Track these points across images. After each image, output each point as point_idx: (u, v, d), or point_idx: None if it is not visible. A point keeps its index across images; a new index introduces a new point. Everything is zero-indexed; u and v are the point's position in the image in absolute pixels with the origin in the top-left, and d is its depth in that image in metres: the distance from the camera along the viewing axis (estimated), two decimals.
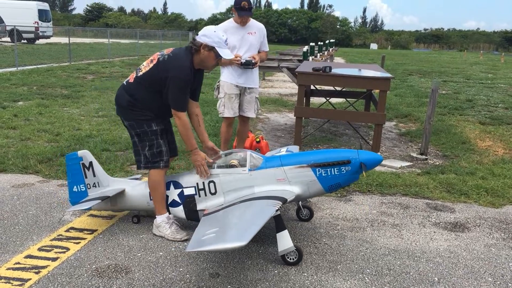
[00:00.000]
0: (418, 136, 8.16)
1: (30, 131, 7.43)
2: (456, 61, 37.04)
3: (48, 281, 3.24)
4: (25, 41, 31.62)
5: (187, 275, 3.40)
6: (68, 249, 3.72)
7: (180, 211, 4.00)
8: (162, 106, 3.86)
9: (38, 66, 17.44)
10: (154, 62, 3.82)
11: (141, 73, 3.84)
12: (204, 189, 3.92)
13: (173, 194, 4.01)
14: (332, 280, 3.42)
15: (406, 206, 5.00)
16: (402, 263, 3.74)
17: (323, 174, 3.77)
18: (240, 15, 5.21)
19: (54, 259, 3.54)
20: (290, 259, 3.57)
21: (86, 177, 4.20)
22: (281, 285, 3.32)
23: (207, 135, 4.21)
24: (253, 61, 5.17)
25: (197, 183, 3.93)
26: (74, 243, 3.83)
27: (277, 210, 3.41)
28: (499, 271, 3.68)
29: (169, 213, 4.02)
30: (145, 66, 3.86)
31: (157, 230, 4.01)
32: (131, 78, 3.91)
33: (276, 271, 3.51)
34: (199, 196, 3.93)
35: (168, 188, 4.01)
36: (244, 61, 5.22)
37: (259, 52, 5.46)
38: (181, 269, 3.48)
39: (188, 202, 3.95)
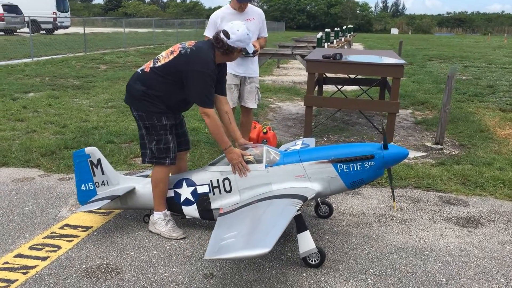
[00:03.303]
0: (435, 125, 7.86)
1: (37, 123, 7.37)
2: (479, 45, 36.12)
3: (35, 282, 3.13)
4: (44, 31, 31.85)
5: (180, 276, 3.25)
6: (59, 247, 3.60)
7: (193, 210, 3.82)
8: (175, 99, 3.69)
9: (54, 56, 17.46)
10: (175, 54, 3.62)
11: (159, 63, 3.65)
12: (218, 186, 3.73)
13: (186, 192, 3.82)
14: (332, 282, 3.24)
15: (417, 200, 4.77)
16: (409, 262, 3.53)
17: (345, 170, 3.55)
18: (239, 1, 4.97)
19: (44, 259, 3.42)
20: (312, 261, 3.38)
21: (94, 175, 4.03)
22: (278, 286, 3.15)
23: (239, 132, 4.02)
24: (253, 49, 4.93)
25: (211, 181, 3.75)
26: (67, 241, 3.71)
27: (298, 210, 3.23)
28: None
29: (184, 214, 3.86)
30: (164, 57, 3.66)
31: (153, 227, 3.87)
32: (147, 67, 3.71)
33: (273, 272, 3.34)
34: (214, 194, 3.74)
35: (180, 186, 3.84)
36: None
37: (258, 38, 5.22)
38: (174, 269, 3.33)
39: (202, 200, 3.77)
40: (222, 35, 3.60)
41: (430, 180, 5.26)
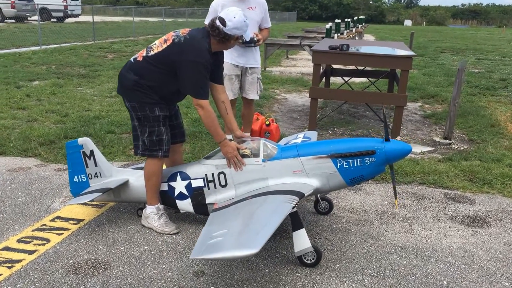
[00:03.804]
0: (444, 119, 7.66)
1: (38, 111, 7.29)
2: (493, 37, 35.48)
3: (19, 277, 3.03)
4: (55, 19, 31.79)
5: (169, 273, 3.14)
6: (48, 240, 3.50)
7: (187, 204, 3.69)
8: (169, 90, 3.55)
9: (62, 45, 17.38)
10: (168, 43, 3.47)
11: (152, 52, 3.51)
12: (213, 181, 3.61)
13: (180, 186, 3.70)
14: (328, 282, 3.10)
15: (421, 197, 4.61)
16: (409, 263, 3.38)
17: (345, 166, 3.39)
18: None
19: (31, 252, 3.33)
20: (308, 260, 3.25)
21: (87, 167, 3.92)
22: (270, 286, 3.03)
23: (236, 124, 3.86)
24: (255, 39, 4.78)
25: (206, 175, 3.62)
26: (57, 234, 3.61)
27: (293, 207, 3.09)
28: None
29: (178, 208, 3.74)
30: (158, 45, 3.52)
31: (145, 221, 3.76)
32: (140, 56, 3.57)
33: (267, 270, 3.21)
34: (208, 188, 3.62)
35: (174, 179, 3.72)
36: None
37: (260, 29, 5.06)
38: (163, 266, 3.22)
39: (197, 194, 3.65)
40: (218, 23, 3.45)
41: (436, 176, 5.09)
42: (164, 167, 4.03)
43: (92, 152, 3.91)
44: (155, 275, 3.11)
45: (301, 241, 3.19)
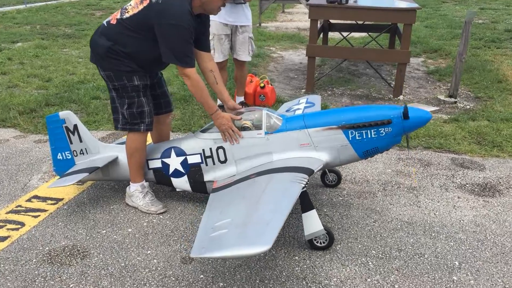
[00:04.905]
0: (448, 75, 7.27)
1: (20, 76, 6.88)
2: None
3: None
4: None
5: (154, 260, 2.86)
6: (23, 224, 3.21)
7: (184, 182, 3.37)
8: (147, 57, 3.16)
9: (48, 2, 16.65)
10: (145, 3, 3.05)
11: (127, 14, 3.10)
12: (211, 156, 3.27)
13: (175, 162, 3.36)
14: (328, 266, 2.83)
15: (427, 163, 4.30)
16: (416, 241, 3.11)
17: (357, 138, 3.07)
18: None
19: (3, 239, 3.04)
20: (320, 243, 2.97)
21: (71, 143, 3.56)
22: (265, 273, 2.76)
23: (227, 93, 3.48)
24: None
25: (203, 150, 3.29)
26: (33, 216, 3.31)
27: (303, 187, 2.77)
28: None
29: (174, 187, 3.43)
30: (133, 6, 3.10)
31: (129, 200, 3.46)
32: (113, 19, 3.17)
33: (261, 254, 2.93)
34: (206, 164, 3.29)
35: (168, 155, 3.38)
36: None
37: None
38: (148, 252, 2.94)
39: (194, 172, 3.32)
40: None
41: (442, 139, 4.78)
42: (150, 140, 3.71)
43: (76, 126, 3.55)
44: (139, 263, 2.83)
45: (312, 223, 2.89)
